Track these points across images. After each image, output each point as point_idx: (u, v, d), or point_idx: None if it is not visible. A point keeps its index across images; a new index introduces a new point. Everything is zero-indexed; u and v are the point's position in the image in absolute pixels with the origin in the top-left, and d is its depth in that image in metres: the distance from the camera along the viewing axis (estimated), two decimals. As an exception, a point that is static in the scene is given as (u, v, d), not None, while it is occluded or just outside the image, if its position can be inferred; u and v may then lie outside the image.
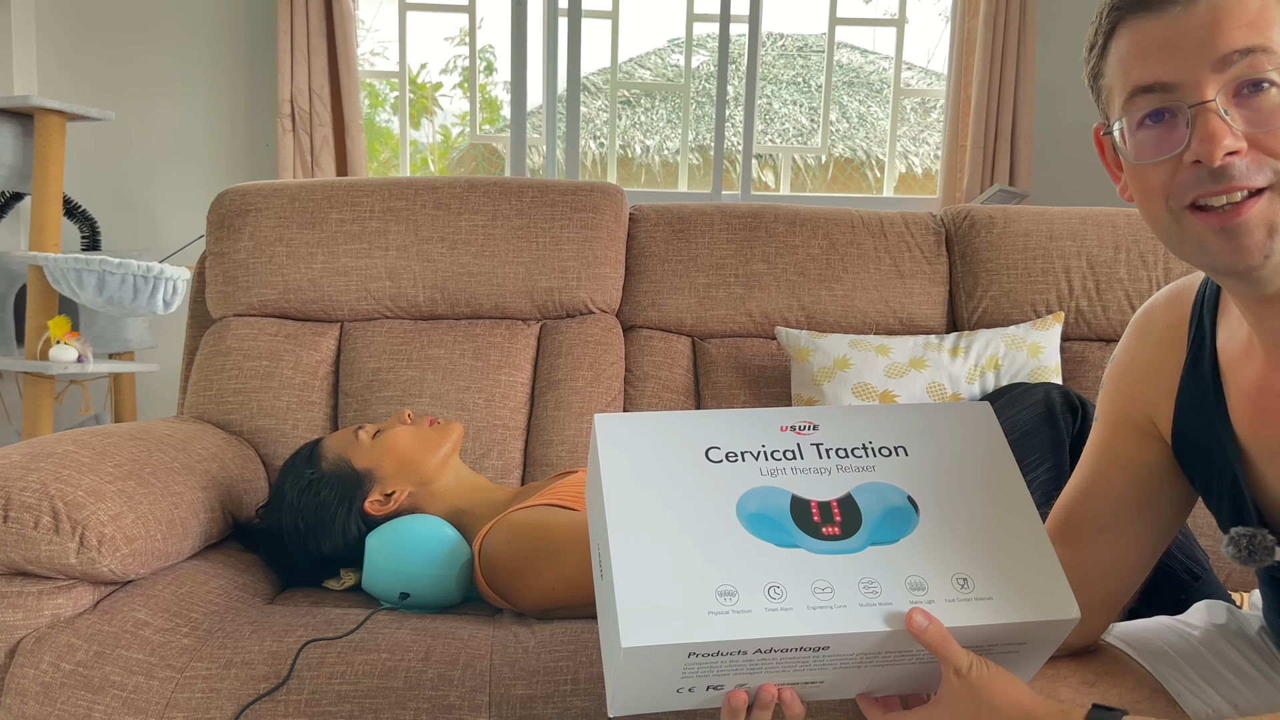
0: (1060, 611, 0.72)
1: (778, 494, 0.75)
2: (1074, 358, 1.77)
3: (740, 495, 0.75)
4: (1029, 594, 0.72)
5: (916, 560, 0.72)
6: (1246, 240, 0.67)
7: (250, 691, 1.08)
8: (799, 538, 0.73)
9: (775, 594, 0.70)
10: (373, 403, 1.68)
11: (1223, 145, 0.66)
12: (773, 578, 0.70)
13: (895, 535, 0.74)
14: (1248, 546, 0.76)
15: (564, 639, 1.15)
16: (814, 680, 0.74)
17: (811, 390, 1.69)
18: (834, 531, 0.73)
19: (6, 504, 1.11)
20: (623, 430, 0.77)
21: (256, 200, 1.77)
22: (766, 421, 0.80)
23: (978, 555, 0.73)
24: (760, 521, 0.73)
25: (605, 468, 0.75)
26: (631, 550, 0.71)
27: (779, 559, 0.71)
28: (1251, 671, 0.88)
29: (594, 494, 0.78)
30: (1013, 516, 0.76)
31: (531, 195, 1.80)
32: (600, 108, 4.33)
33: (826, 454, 0.78)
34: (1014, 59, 3.32)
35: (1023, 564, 0.74)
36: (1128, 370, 0.87)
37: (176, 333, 3.26)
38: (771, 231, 1.83)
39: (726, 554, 0.71)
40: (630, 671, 0.69)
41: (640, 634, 0.67)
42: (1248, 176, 0.66)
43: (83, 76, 3.29)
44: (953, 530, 0.75)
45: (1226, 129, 0.66)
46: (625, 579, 0.69)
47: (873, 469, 0.78)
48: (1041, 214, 1.84)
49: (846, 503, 0.75)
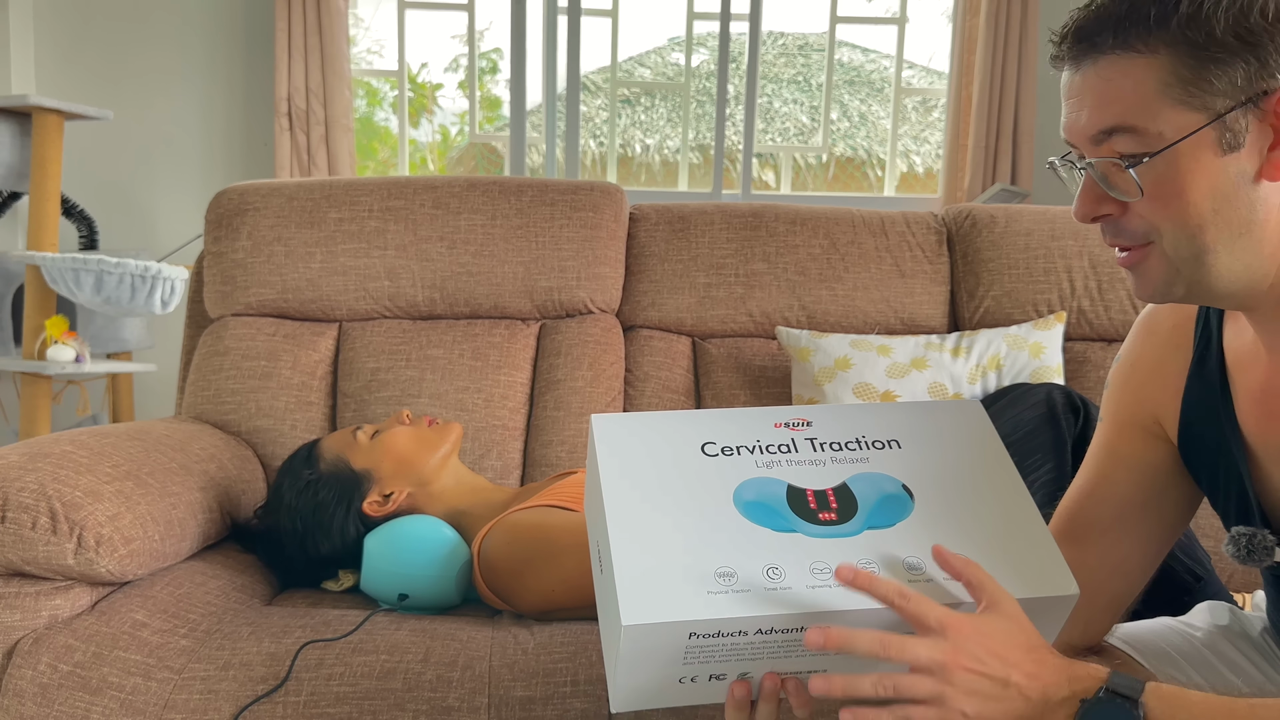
0: (1059, 588, 0.72)
1: (773, 484, 0.76)
2: (1076, 358, 1.77)
3: (737, 485, 0.76)
4: (1027, 572, 0.73)
5: (913, 543, 0.73)
6: (1141, 282, 0.72)
7: (248, 693, 1.08)
8: (796, 523, 0.74)
9: (774, 574, 0.70)
10: (371, 403, 1.67)
11: (1085, 211, 0.71)
12: (771, 559, 0.71)
13: (891, 520, 0.75)
14: (1248, 546, 0.76)
15: (563, 640, 1.15)
16: (815, 669, 0.74)
17: (812, 390, 1.68)
18: (830, 517, 0.74)
19: (4, 504, 1.11)
20: (620, 428, 0.79)
21: (255, 199, 1.77)
22: (761, 419, 0.81)
23: (974, 537, 0.74)
24: (757, 508, 0.74)
25: (603, 463, 0.76)
26: (630, 536, 0.72)
27: (777, 542, 0.72)
28: (1253, 672, 0.88)
29: (593, 492, 0.79)
30: (1008, 502, 0.77)
31: (531, 194, 1.79)
32: (600, 106, 4.32)
33: (821, 447, 0.79)
34: (1015, 57, 3.32)
35: (1019, 545, 0.75)
36: (1133, 370, 0.87)
37: (174, 332, 3.26)
38: (772, 231, 1.82)
39: (724, 539, 0.72)
40: (632, 656, 0.69)
41: (641, 612, 0.67)
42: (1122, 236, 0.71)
43: (80, 76, 3.28)
44: (949, 515, 0.76)
45: (1093, 196, 0.70)
46: (624, 563, 0.70)
47: (867, 460, 0.79)
48: (1043, 213, 1.84)
49: (842, 491, 0.76)
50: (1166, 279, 0.70)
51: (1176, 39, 0.64)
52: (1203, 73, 0.64)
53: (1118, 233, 0.71)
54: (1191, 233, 0.67)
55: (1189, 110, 0.65)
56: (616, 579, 0.69)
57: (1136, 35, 0.65)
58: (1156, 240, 0.69)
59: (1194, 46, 0.64)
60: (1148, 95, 0.65)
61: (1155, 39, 0.64)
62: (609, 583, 0.71)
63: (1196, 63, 0.64)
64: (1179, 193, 0.66)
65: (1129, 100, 0.66)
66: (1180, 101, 0.65)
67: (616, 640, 0.69)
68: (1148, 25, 0.65)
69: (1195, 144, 0.65)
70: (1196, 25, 0.63)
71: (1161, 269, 0.70)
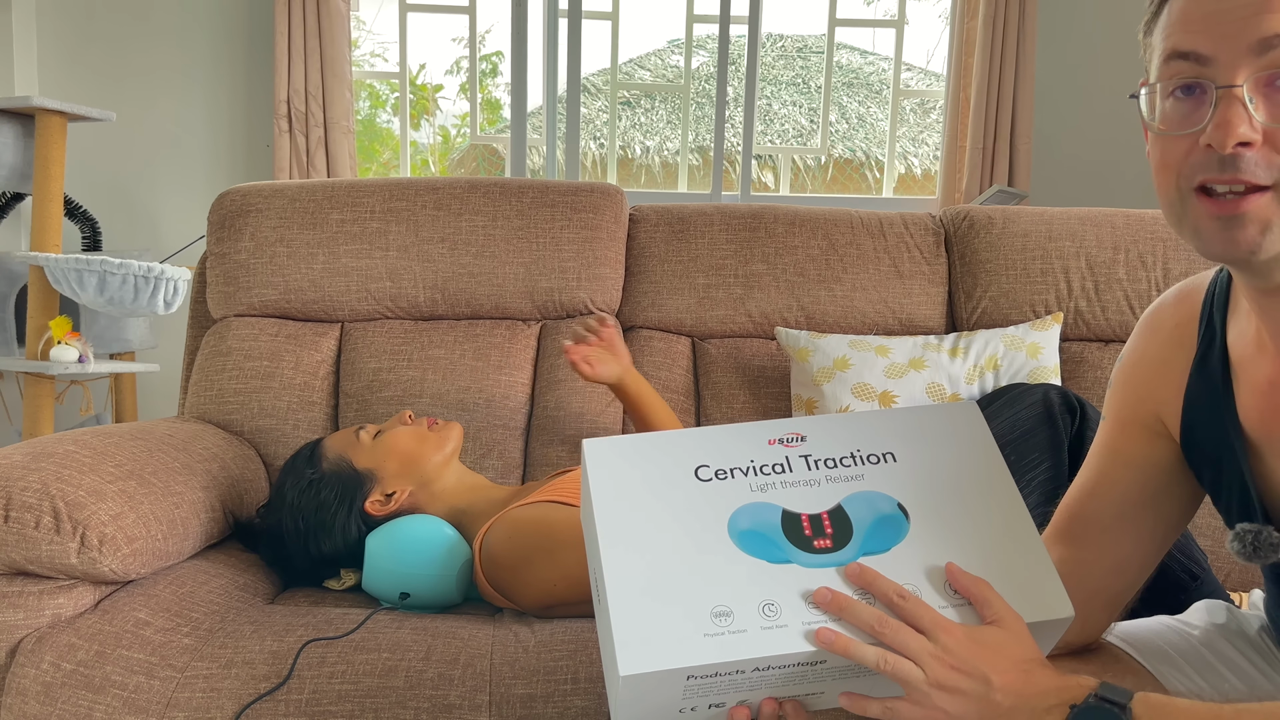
0: (1055, 611, 0.72)
1: (768, 509, 0.75)
2: (1073, 358, 1.78)
3: (731, 513, 0.75)
4: (1024, 595, 0.72)
5: (909, 568, 0.73)
6: (1239, 233, 0.67)
7: (251, 691, 1.08)
8: (791, 553, 0.73)
9: (770, 612, 0.70)
10: (373, 403, 1.68)
11: (1236, 135, 0.64)
12: (767, 595, 0.71)
13: (886, 544, 0.74)
14: (1253, 543, 0.76)
15: (564, 638, 1.15)
16: (814, 691, 0.74)
17: (811, 391, 1.69)
18: (825, 544, 0.74)
19: (8, 504, 1.11)
20: (612, 453, 0.78)
21: (257, 201, 1.78)
22: (754, 436, 0.80)
23: (970, 559, 0.74)
24: (752, 539, 0.74)
25: (596, 492, 0.76)
26: (625, 575, 0.71)
27: (772, 575, 0.72)
28: (1251, 671, 0.88)
29: (588, 518, 0.78)
30: (1003, 518, 0.77)
31: (531, 196, 1.80)
32: (600, 108, 4.33)
33: (815, 465, 0.78)
34: (1013, 60, 3.32)
35: (1016, 565, 0.74)
36: (1136, 369, 0.87)
37: (177, 333, 3.26)
38: (771, 232, 1.83)
39: (720, 573, 0.71)
40: (630, 698, 0.69)
41: (637, 662, 0.67)
42: (1254, 171, 0.65)
43: (84, 77, 3.29)
44: (944, 536, 0.75)
45: (1244, 118, 0.64)
46: (620, 605, 0.70)
47: (862, 478, 0.78)
48: (1040, 214, 1.85)
49: (837, 514, 0.76)
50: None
51: None
52: None
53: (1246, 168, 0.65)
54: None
55: None
56: (613, 623, 0.69)
57: None
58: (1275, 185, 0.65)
59: None
60: None
61: None
62: (605, 621, 0.71)
63: None
64: None
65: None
66: None
67: (615, 681, 0.69)
68: None
69: None
70: None
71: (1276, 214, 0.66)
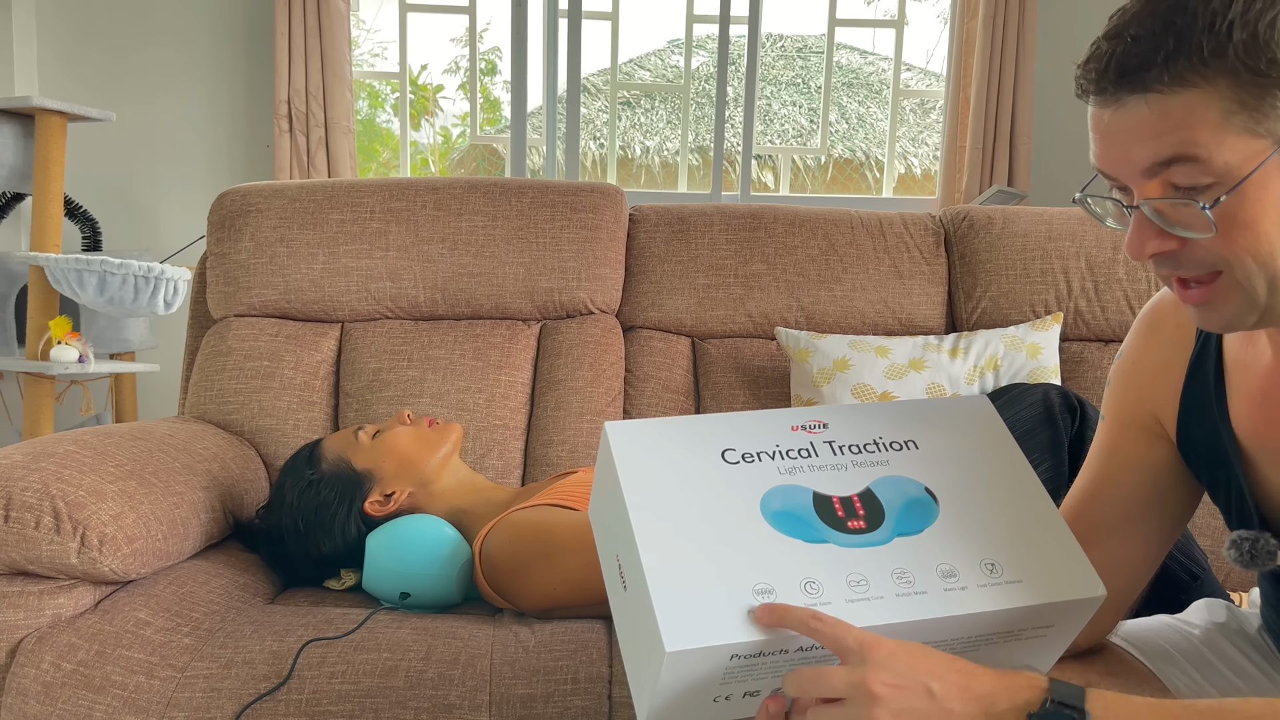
0: (1087, 589, 0.72)
1: (799, 491, 0.75)
2: (1073, 358, 1.78)
3: (762, 494, 0.74)
4: (1056, 575, 0.72)
5: (944, 549, 0.73)
6: (1212, 316, 0.69)
7: (251, 691, 1.08)
8: (826, 533, 0.72)
9: (812, 589, 0.69)
10: (373, 403, 1.68)
11: (1144, 252, 0.67)
12: (807, 573, 0.70)
13: (919, 526, 0.74)
14: (1250, 550, 0.76)
15: (564, 638, 1.15)
16: None
17: (811, 391, 1.69)
18: (859, 525, 0.73)
19: (8, 504, 1.11)
20: (636, 436, 0.77)
21: (257, 201, 1.78)
22: (777, 422, 0.79)
23: (1001, 541, 0.74)
24: (786, 519, 0.73)
25: (624, 474, 0.74)
26: (662, 554, 0.69)
27: (810, 555, 0.71)
28: (1251, 670, 0.88)
29: (609, 503, 0.76)
30: (1027, 501, 0.77)
31: (531, 196, 1.80)
32: (600, 109, 4.33)
33: (840, 450, 0.78)
34: (1013, 60, 3.32)
35: (1045, 546, 0.74)
36: (1135, 368, 0.87)
37: (177, 333, 3.26)
38: (771, 232, 1.83)
39: (757, 552, 0.70)
40: (671, 680, 0.67)
41: (683, 638, 0.65)
42: (1184, 268, 0.68)
43: (83, 77, 3.29)
44: (973, 518, 0.75)
45: (1153, 233, 0.67)
46: (660, 584, 0.68)
47: (887, 463, 0.78)
48: (1040, 214, 1.85)
49: (867, 497, 0.75)
50: (1241, 310, 0.67)
51: (1236, 67, 0.61)
52: (1267, 98, 0.62)
53: (1179, 265, 0.68)
54: (1263, 261, 0.64)
55: (1255, 138, 0.62)
56: (654, 602, 0.67)
57: (1190, 68, 0.62)
58: (1225, 270, 0.66)
59: (1256, 74, 0.61)
60: (1211, 125, 0.62)
61: (1212, 70, 0.62)
62: (641, 605, 0.69)
63: (1260, 89, 0.62)
64: (1250, 223, 0.64)
65: (1189, 131, 0.63)
66: (1246, 130, 0.62)
67: (653, 665, 0.67)
68: (1202, 57, 0.62)
69: (1263, 172, 0.63)
70: (1255, 52, 0.61)
71: (1236, 301, 0.67)
